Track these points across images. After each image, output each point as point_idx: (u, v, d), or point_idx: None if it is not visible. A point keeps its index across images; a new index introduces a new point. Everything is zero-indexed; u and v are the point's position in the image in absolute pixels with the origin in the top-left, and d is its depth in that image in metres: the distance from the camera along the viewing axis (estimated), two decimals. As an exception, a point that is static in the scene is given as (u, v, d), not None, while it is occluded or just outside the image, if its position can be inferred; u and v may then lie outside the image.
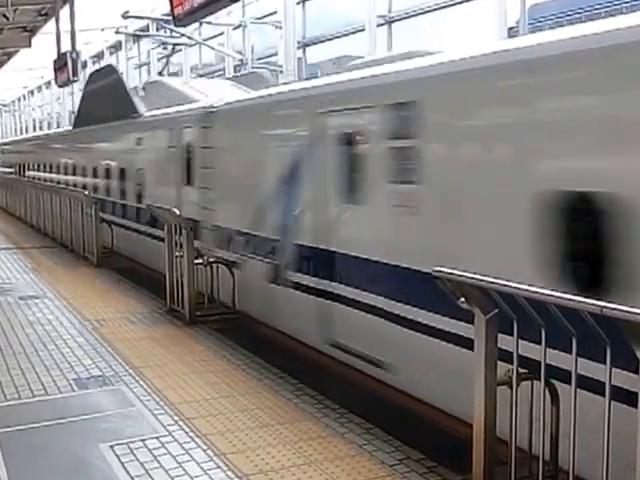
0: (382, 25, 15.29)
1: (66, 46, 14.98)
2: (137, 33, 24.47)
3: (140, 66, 27.48)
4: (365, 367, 6.23)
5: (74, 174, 18.04)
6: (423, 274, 5.09)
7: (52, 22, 17.77)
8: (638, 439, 3.12)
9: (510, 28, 12.18)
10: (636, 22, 4.39)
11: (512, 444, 3.90)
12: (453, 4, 13.16)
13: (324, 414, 5.36)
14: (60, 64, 14.88)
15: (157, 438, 4.91)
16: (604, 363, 3.37)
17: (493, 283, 3.80)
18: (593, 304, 3.27)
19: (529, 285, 3.64)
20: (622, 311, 3.11)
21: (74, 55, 14.07)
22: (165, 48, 24.43)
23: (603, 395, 3.37)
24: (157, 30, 24.02)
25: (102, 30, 24.31)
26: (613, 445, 3.34)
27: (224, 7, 7.60)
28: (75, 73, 14.04)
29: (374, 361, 6.09)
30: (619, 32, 4.35)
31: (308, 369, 6.47)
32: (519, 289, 3.64)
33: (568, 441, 3.59)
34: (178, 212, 8.63)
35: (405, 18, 14.85)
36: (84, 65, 31.02)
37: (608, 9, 10.95)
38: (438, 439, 4.96)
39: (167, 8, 8.80)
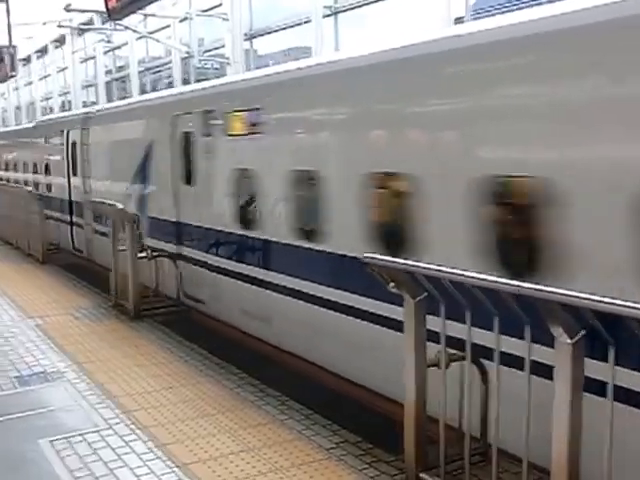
0: (328, 16, 15.32)
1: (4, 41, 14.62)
2: (81, 27, 23.99)
3: (86, 60, 26.96)
4: None
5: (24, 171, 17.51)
6: None
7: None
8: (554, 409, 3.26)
9: (457, 18, 12.31)
10: None
11: (442, 423, 4.00)
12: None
13: (265, 402, 5.43)
14: (-2, 59, 14.53)
15: (97, 432, 4.91)
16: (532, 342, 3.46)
17: (419, 267, 3.90)
18: (510, 284, 3.39)
19: (452, 268, 3.75)
20: (535, 290, 3.23)
21: (11, 50, 13.73)
22: (110, 41, 24.07)
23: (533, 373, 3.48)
24: (103, 23, 23.61)
25: (44, 24, 23.74)
26: (538, 418, 3.45)
27: (155, 0, 7.60)
28: (13, 68, 13.74)
29: None
30: None
31: (250, 358, 6.50)
32: (443, 272, 3.74)
33: (494, 416, 3.71)
34: (122, 206, 8.57)
35: (350, 9, 14.92)
36: (27, 60, 30.38)
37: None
38: (375, 422, 5.04)
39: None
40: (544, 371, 3.47)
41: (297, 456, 4.50)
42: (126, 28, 21.10)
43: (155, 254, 8.58)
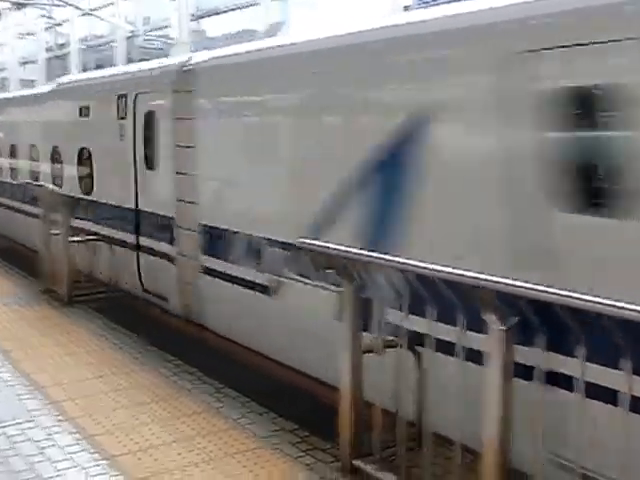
0: (278, -1, 15.16)
1: None
2: (20, 1, 23.16)
3: (25, 36, 26.07)
4: None
5: None
6: None
7: None
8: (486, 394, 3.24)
9: (406, 6, 12.40)
10: None
11: (378, 410, 3.95)
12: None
13: (201, 390, 5.30)
14: None
15: (19, 424, 4.68)
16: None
17: (350, 253, 3.82)
18: (443, 271, 3.35)
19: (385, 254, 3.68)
20: (468, 277, 3.20)
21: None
22: (51, 17, 23.32)
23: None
24: (42, -2, 22.83)
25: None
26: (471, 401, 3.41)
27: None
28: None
29: None
30: None
31: (187, 345, 6.36)
32: (373, 257, 3.68)
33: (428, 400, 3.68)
34: (55, 188, 8.29)
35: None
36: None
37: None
38: (313, 409, 4.98)
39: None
40: (476, 357, 3.44)
41: (232, 445, 4.39)
42: (67, 4, 20.48)
43: (91, 237, 8.31)
